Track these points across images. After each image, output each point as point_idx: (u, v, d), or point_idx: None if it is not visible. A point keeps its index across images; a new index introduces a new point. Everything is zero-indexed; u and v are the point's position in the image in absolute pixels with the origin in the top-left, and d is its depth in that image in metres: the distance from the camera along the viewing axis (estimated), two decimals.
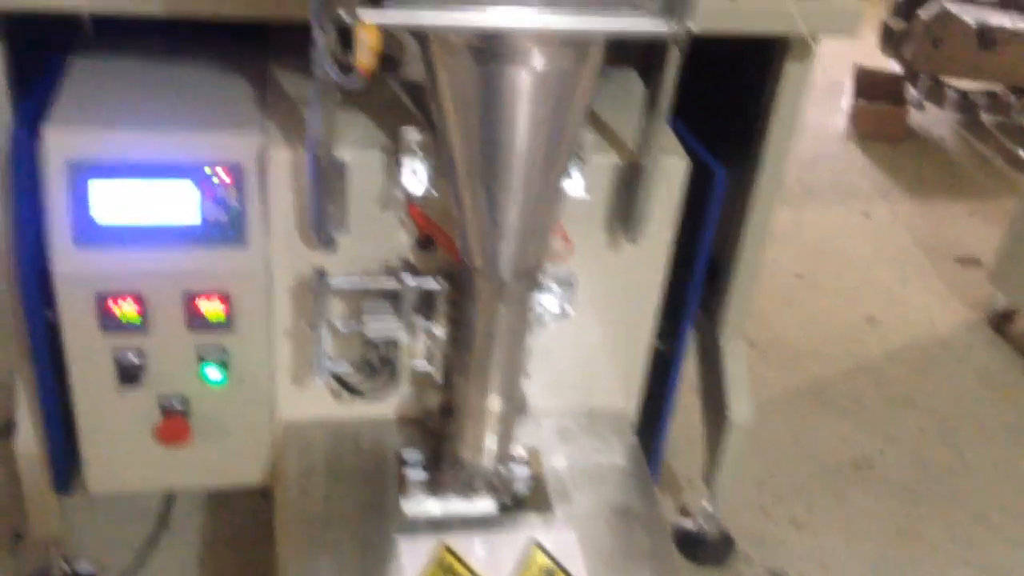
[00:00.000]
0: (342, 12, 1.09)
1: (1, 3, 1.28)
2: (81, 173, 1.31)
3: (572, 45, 1.14)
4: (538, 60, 1.13)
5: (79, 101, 1.38)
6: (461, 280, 1.35)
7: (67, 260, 1.35)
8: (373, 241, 1.41)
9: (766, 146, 1.60)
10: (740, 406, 1.73)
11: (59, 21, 1.33)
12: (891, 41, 3.86)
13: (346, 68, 1.15)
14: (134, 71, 1.47)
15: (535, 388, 1.52)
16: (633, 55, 1.67)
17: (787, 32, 1.46)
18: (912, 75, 3.96)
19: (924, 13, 3.67)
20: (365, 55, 1.11)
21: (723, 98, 1.71)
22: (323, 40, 1.15)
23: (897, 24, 3.82)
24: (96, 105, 1.38)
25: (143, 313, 1.39)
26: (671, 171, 1.43)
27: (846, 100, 4.03)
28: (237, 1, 1.32)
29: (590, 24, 1.12)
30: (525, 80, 1.14)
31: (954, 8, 3.62)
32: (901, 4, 3.85)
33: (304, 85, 1.44)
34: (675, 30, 1.15)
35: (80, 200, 1.32)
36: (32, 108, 1.35)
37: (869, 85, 3.93)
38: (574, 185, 1.36)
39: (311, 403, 1.51)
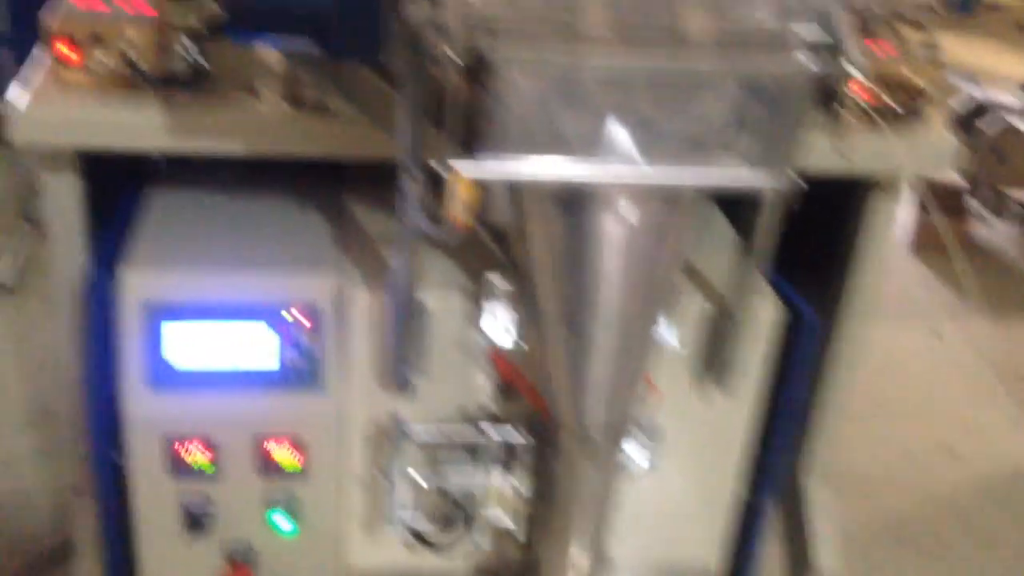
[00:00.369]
0: (435, 163, 1.06)
1: (81, 143, 1.27)
2: (157, 315, 1.28)
3: (666, 196, 1.11)
4: (629, 211, 1.09)
5: (155, 240, 1.35)
6: (544, 431, 1.29)
7: (139, 403, 1.31)
8: (452, 386, 1.35)
9: (854, 285, 1.54)
10: (828, 561, 1.63)
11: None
12: None
13: (436, 218, 1.12)
14: (210, 205, 1.45)
15: (615, 540, 1.43)
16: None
17: (882, 170, 1.42)
18: (974, 188, 3.89)
19: (987, 128, 3.62)
20: (459, 209, 1.08)
21: (801, 230, 1.66)
22: (413, 190, 1.12)
23: (957, 137, 3.77)
24: (172, 244, 1.35)
25: (213, 459, 1.34)
26: (763, 319, 1.37)
27: (906, 213, 3.97)
28: (319, 141, 1.30)
29: (687, 178, 1.08)
30: (615, 231, 1.10)
31: (1018, 122, 3.56)
32: (960, 116, 3.81)
33: (381, 220, 1.43)
34: (779, 184, 1.10)
35: (154, 342, 1.29)
36: (108, 247, 1.33)
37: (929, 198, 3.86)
38: (663, 333, 1.30)
39: (382, 554, 1.43)
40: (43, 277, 2.90)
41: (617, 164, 1.04)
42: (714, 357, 1.37)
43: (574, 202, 1.09)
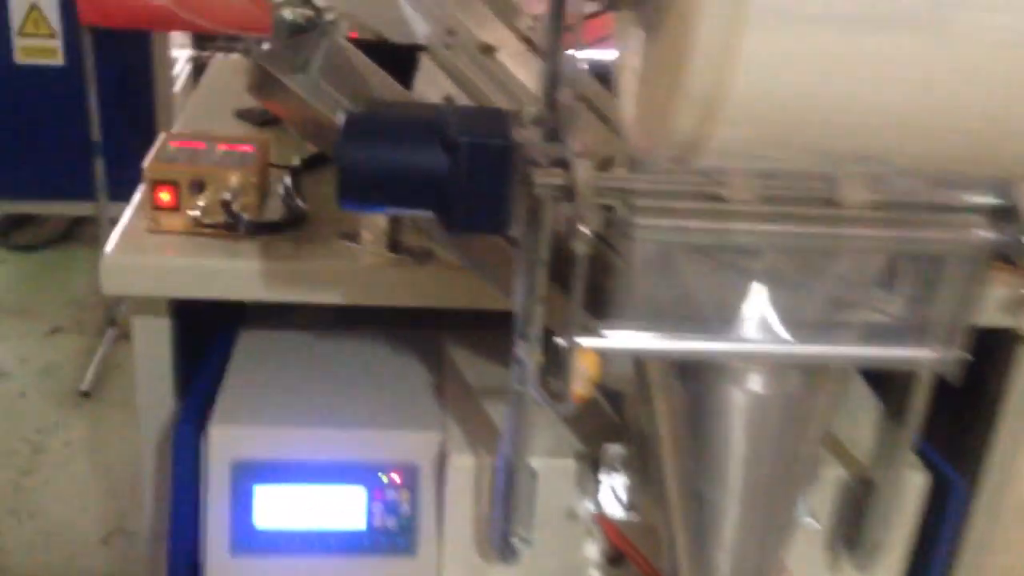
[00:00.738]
0: (559, 338, 0.96)
1: (175, 292, 1.21)
2: (245, 476, 1.20)
3: (807, 369, 1.00)
4: (767, 383, 0.98)
5: (246, 394, 1.27)
6: None
7: (222, 568, 1.21)
8: (556, 554, 1.24)
9: (999, 444, 1.40)
10: None
11: None
12: None
13: (552, 388, 1.02)
14: (304, 349, 1.37)
15: None
16: None
17: None
18: None
19: None
20: (581, 384, 0.98)
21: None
22: (530, 360, 1.02)
23: None
24: (263, 398, 1.27)
25: None
26: (909, 489, 1.23)
27: None
28: (422, 292, 1.23)
29: (836, 354, 0.97)
30: (749, 403, 0.99)
31: None
32: None
33: (483, 368, 1.34)
34: (940, 360, 0.98)
35: (242, 504, 1.20)
36: (197, 399, 1.26)
37: None
38: (797, 508, 1.18)
39: None
40: (122, 382, 2.89)
41: (757, 338, 0.95)
42: (851, 531, 1.23)
43: (704, 371, 0.99)
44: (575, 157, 0.89)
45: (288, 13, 1.47)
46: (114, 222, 1.25)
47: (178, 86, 3.22)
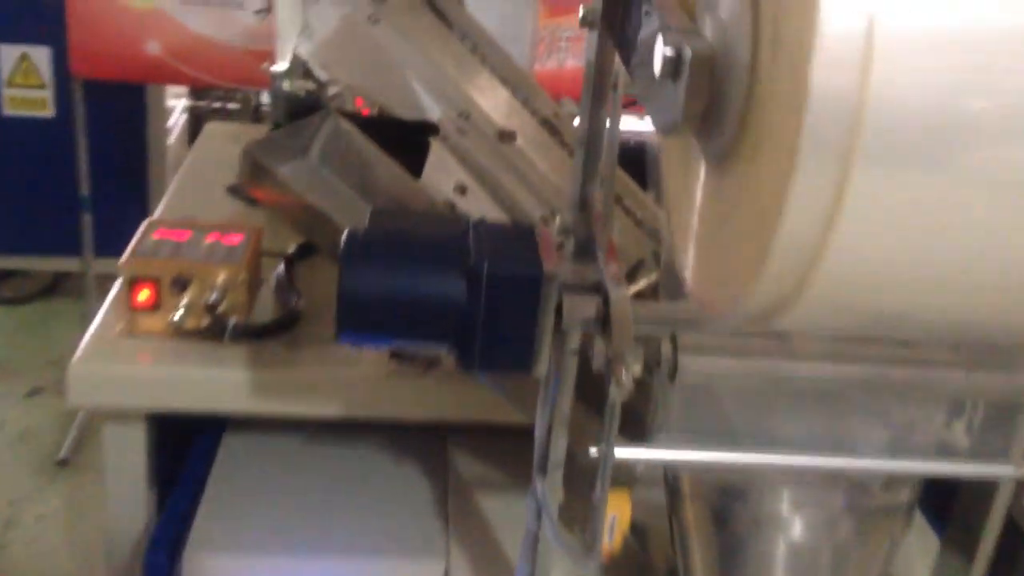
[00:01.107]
0: (592, 451, 0.84)
1: (152, 405, 1.08)
2: None
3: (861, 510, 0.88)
4: (807, 532, 0.87)
5: (226, 512, 1.14)
6: None
7: None
8: None
9: None
10: None
11: None
12: None
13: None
14: (292, 456, 1.24)
15: None
16: None
17: None
18: None
19: None
20: (612, 536, 0.86)
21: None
22: (550, 499, 0.90)
23: None
24: (245, 518, 1.13)
25: None
26: None
27: None
28: (428, 405, 1.11)
29: (899, 467, 0.86)
30: (789, 553, 0.88)
31: None
32: None
33: (492, 479, 1.21)
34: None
35: None
36: (172, 519, 1.13)
37: None
38: None
39: None
40: (100, 449, 2.74)
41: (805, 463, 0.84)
42: None
43: (745, 520, 0.88)
44: (612, 282, 0.77)
45: (288, 84, 1.37)
46: (100, 278, 1.13)
47: (173, 136, 3.11)
